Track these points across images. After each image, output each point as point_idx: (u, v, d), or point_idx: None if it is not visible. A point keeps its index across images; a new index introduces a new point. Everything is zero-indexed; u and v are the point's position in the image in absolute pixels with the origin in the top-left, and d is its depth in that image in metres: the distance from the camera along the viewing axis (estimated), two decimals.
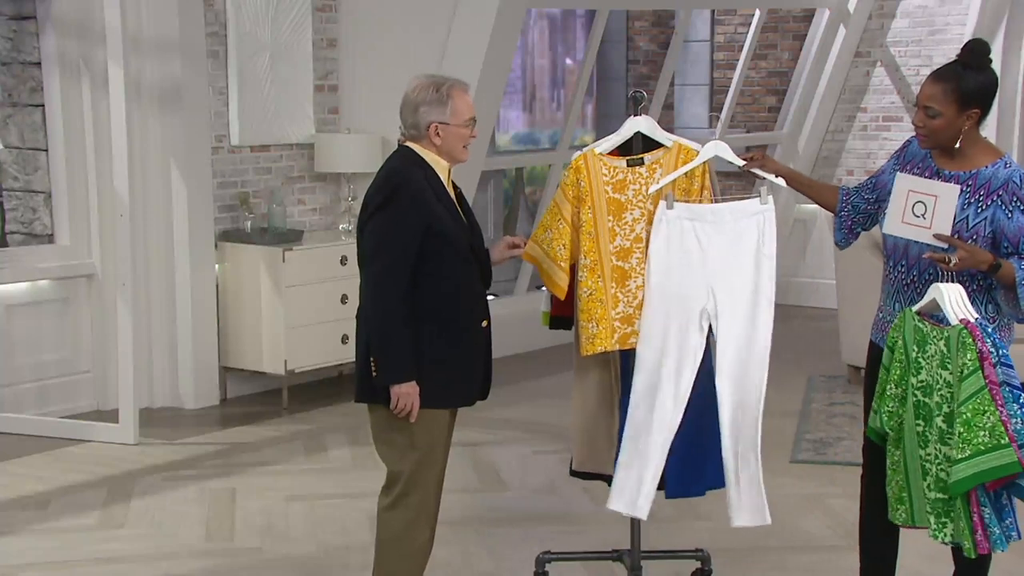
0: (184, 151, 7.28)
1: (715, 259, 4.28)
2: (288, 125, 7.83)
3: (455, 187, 4.14)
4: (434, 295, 3.98)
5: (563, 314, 4.58)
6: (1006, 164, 4.03)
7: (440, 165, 4.06)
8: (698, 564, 4.70)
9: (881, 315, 4.26)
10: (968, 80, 3.99)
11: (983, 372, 3.72)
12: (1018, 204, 3.97)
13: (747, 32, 10.87)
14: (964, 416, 3.72)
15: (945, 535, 3.88)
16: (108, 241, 7.12)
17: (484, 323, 4.13)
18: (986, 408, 3.71)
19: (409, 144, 4.08)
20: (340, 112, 8.11)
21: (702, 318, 4.30)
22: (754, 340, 4.29)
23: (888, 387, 3.97)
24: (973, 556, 3.86)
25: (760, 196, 4.29)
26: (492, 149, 12.04)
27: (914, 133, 4.18)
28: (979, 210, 4.00)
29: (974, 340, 3.74)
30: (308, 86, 7.91)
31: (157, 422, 7.11)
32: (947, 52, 9.89)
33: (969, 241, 3.99)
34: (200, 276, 7.37)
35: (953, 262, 3.91)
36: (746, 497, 4.31)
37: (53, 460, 6.48)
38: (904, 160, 4.22)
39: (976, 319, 3.81)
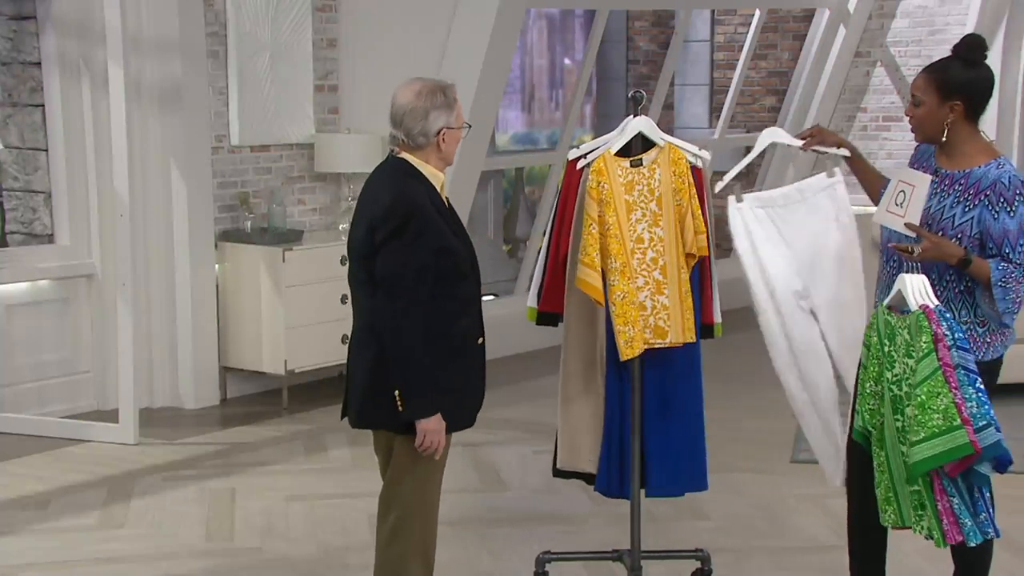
0: (184, 151, 7.28)
1: (797, 239, 4.35)
2: (288, 125, 7.82)
3: (447, 199, 4.02)
4: (439, 316, 3.85)
5: (550, 310, 4.58)
6: (999, 165, 4.05)
7: (437, 178, 3.94)
8: (698, 564, 4.71)
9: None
10: (953, 71, 4.08)
11: (937, 354, 3.74)
12: (1004, 205, 3.99)
13: (747, 32, 10.87)
14: (919, 399, 3.74)
15: (923, 527, 3.90)
16: (108, 241, 7.12)
17: (480, 340, 4.03)
18: (940, 390, 3.72)
19: (405, 156, 3.95)
20: (340, 112, 8.10)
21: (799, 300, 4.36)
22: (849, 307, 4.37)
23: (867, 385, 4.00)
24: (942, 546, 3.88)
25: (827, 170, 4.38)
26: (492, 149, 12.03)
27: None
28: (966, 209, 4.03)
29: (929, 323, 3.76)
30: (308, 86, 7.90)
31: (157, 422, 7.11)
32: (947, 52, 9.88)
33: (953, 240, 4.02)
34: (200, 276, 7.37)
35: (916, 252, 3.97)
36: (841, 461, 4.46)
37: (53, 460, 6.48)
38: (913, 160, 4.29)
39: (936, 306, 3.83)
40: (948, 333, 3.76)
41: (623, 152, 4.40)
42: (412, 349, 3.80)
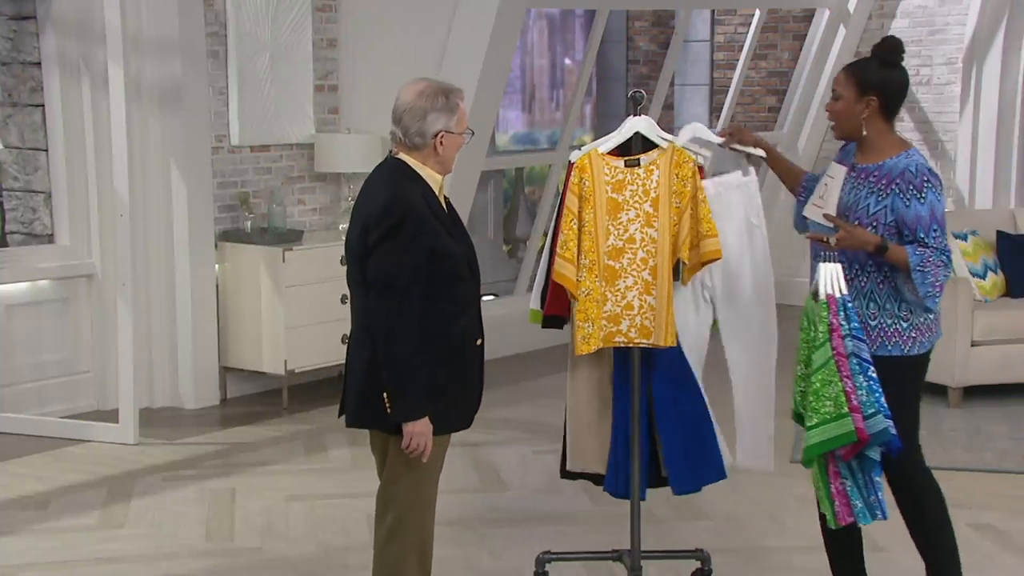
0: (184, 151, 7.28)
1: None
2: (288, 125, 7.83)
3: (446, 200, 4.03)
4: (436, 317, 3.86)
5: (555, 313, 4.58)
6: (908, 155, 4.25)
7: (434, 180, 3.94)
8: (698, 564, 4.70)
9: None
10: (869, 69, 4.28)
11: (831, 344, 3.94)
12: (915, 193, 4.16)
13: (747, 32, 10.87)
14: (814, 386, 3.95)
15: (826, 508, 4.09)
16: (108, 241, 7.12)
17: (479, 342, 4.03)
18: (832, 379, 3.93)
19: (403, 156, 3.94)
20: (340, 112, 8.11)
21: (702, 291, 4.46)
22: (755, 306, 4.46)
23: (798, 368, 4.15)
24: (834, 526, 4.06)
25: (742, 168, 4.47)
26: (492, 149, 12.03)
27: None
28: (879, 199, 4.21)
29: (828, 313, 3.95)
30: (308, 86, 7.91)
31: (157, 422, 7.12)
32: (947, 52, 9.90)
33: (869, 228, 4.19)
34: (200, 276, 7.37)
35: (832, 242, 4.13)
36: (754, 449, 4.55)
37: (53, 460, 6.49)
38: (837, 159, 4.45)
39: (841, 296, 3.99)
40: (844, 323, 3.95)
41: (624, 151, 4.40)
42: (402, 351, 3.80)
